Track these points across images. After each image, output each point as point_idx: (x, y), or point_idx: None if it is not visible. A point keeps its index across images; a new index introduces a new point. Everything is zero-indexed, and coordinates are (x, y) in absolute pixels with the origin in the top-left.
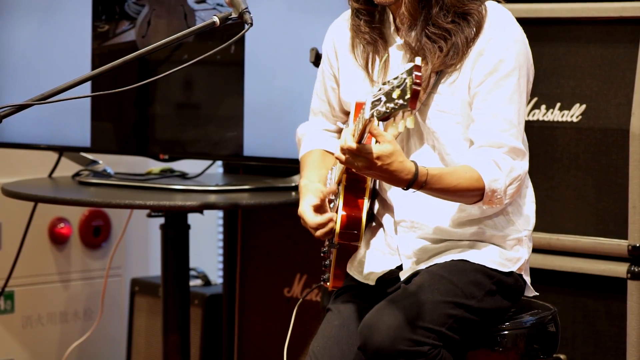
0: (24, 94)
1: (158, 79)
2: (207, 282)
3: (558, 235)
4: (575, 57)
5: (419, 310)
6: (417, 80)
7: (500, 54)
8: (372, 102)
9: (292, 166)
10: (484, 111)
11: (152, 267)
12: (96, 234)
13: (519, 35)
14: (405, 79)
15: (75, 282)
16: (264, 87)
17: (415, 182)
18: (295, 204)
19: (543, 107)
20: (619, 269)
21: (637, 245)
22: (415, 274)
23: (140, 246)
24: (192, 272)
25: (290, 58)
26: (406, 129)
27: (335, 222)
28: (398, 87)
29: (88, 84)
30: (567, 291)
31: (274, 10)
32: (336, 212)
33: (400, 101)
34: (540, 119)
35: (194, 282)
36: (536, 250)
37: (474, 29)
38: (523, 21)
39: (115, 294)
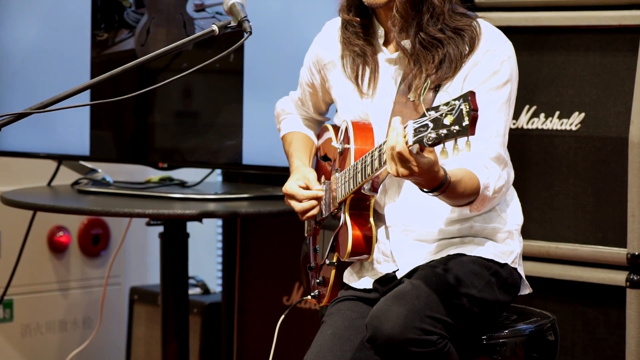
0: (23, 102)
1: (157, 87)
2: (206, 291)
3: (557, 243)
4: (575, 66)
5: (426, 300)
6: (474, 106)
7: (496, 67)
8: (416, 129)
9: None
10: None
11: (151, 275)
12: (95, 242)
13: (512, 52)
14: (459, 106)
15: (75, 290)
16: (263, 96)
17: (435, 190)
18: (294, 213)
19: (542, 115)
20: (618, 278)
21: (636, 253)
22: (415, 270)
23: (139, 254)
24: (191, 281)
25: (289, 66)
26: None
27: (347, 242)
28: (450, 113)
29: (87, 92)
30: (566, 299)
31: (273, 18)
32: (342, 230)
33: (456, 127)
34: (539, 127)
35: (193, 291)
36: (535, 258)
37: (468, 45)
38: (522, 30)
39: (114, 302)
